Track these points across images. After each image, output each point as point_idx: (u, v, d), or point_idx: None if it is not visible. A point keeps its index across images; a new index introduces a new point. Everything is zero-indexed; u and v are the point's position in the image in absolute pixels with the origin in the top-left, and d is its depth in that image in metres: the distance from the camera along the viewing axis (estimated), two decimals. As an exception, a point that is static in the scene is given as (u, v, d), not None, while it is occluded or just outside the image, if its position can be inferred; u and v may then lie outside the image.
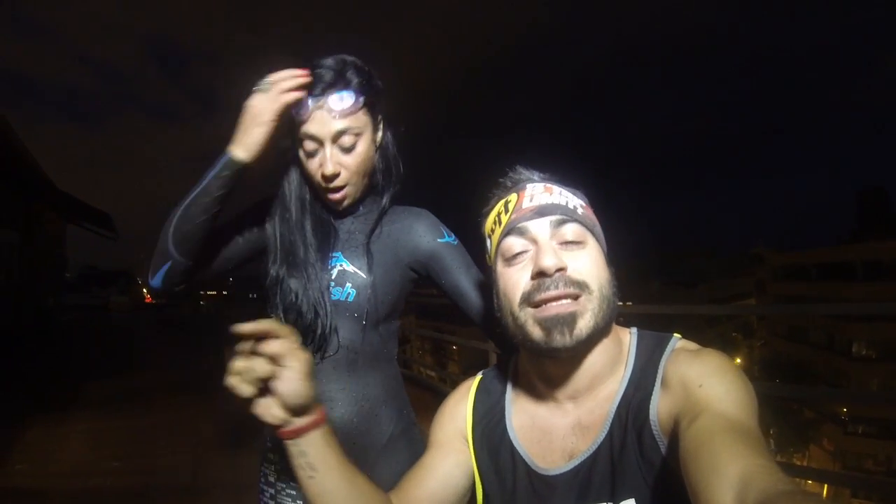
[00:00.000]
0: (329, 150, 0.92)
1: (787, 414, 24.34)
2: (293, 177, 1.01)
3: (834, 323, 28.35)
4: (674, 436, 0.59)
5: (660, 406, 0.64)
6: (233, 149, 0.87)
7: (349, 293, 1.00)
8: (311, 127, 0.91)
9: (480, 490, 0.77)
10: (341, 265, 1.01)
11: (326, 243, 1.02)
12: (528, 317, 0.66)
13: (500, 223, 0.72)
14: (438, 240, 1.03)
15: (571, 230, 0.68)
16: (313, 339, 0.98)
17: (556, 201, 0.70)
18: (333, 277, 1.00)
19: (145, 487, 2.91)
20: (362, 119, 0.94)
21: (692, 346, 0.70)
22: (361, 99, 0.93)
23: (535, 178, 0.74)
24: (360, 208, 1.06)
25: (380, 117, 1.00)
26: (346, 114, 0.91)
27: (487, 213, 0.77)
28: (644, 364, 0.69)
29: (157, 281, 0.93)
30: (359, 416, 1.00)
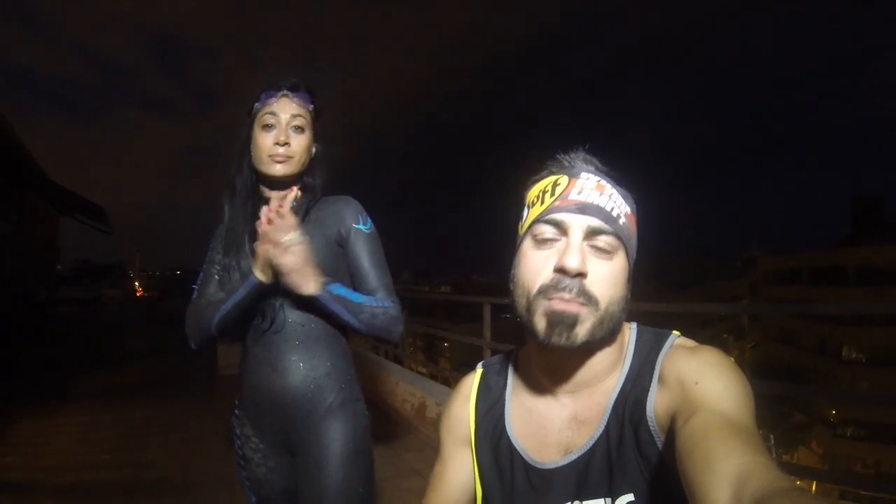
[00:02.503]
0: (285, 126, 1.18)
1: (777, 416, 24.53)
2: (244, 169, 1.24)
3: (825, 327, 28.57)
4: (670, 432, 0.59)
5: (657, 402, 0.64)
6: (259, 275, 1.12)
7: None
8: (275, 107, 1.18)
9: (479, 488, 0.77)
10: None
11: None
12: (539, 307, 0.66)
13: (541, 201, 0.70)
14: (354, 225, 1.24)
15: (605, 240, 0.66)
16: (263, 315, 1.18)
17: (602, 204, 0.67)
18: None
19: (136, 481, 2.90)
20: (309, 118, 1.22)
21: (690, 343, 0.70)
22: (311, 106, 1.23)
23: (592, 167, 0.71)
24: (293, 203, 1.21)
25: (318, 133, 1.26)
26: (301, 105, 1.21)
27: (535, 182, 0.74)
28: (642, 360, 0.69)
29: (197, 347, 1.25)
30: (304, 384, 1.18)
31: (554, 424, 0.72)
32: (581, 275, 0.64)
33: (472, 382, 0.85)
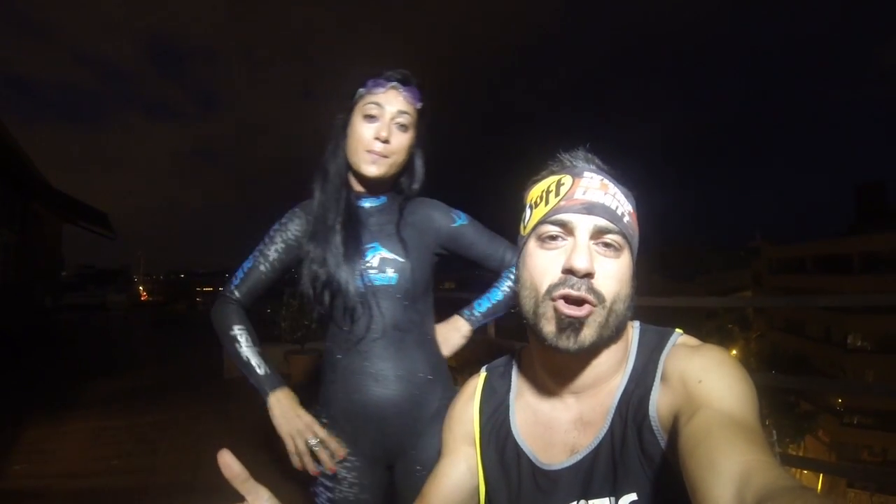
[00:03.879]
0: (388, 121, 1.10)
1: (783, 406, 24.46)
2: (339, 157, 1.16)
3: (831, 315, 28.46)
4: (673, 431, 0.59)
5: (660, 401, 0.64)
6: (270, 393, 1.09)
7: (391, 277, 1.13)
8: (381, 98, 1.10)
9: (483, 490, 0.77)
10: (380, 253, 1.14)
11: (358, 228, 1.15)
12: (547, 309, 0.66)
13: (545, 201, 0.70)
14: (452, 225, 1.22)
15: (612, 239, 0.66)
16: (359, 322, 1.11)
17: (607, 203, 0.67)
18: (375, 265, 1.13)
19: (145, 486, 2.91)
20: (415, 117, 1.13)
21: (693, 341, 0.70)
22: (420, 103, 1.14)
23: (594, 167, 0.71)
24: (384, 200, 1.20)
25: (421, 133, 1.18)
26: (410, 101, 1.12)
27: (535, 183, 0.74)
28: (645, 359, 0.69)
29: None
30: (407, 392, 1.11)
31: (560, 425, 0.72)
32: (589, 275, 0.64)
33: (476, 384, 0.85)
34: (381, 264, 1.13)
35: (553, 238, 0.67)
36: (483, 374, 0.86)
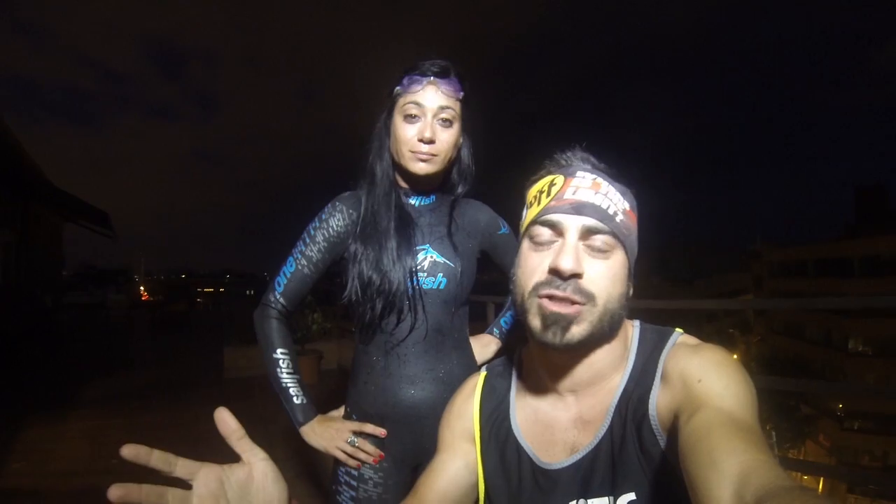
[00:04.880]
0: (431, 119, 1.05)
1: (783, 410, 24.44)
2: (385, 156, 1.13)
3: (831, 319, 28.44)
4: (673, 431, 0.59)
5: (659, 401, 0.64)
6: (305, 424, 1.11)
7: (441, 281, 1.11)
8: (420, 96, 1.05)
9: (483, 489, 0.77)
10: (431, 256, 1.12)
11: (410, 229, 1.12)
12: (533, 305, 0.66)
13: (538, 202, 0.70)
14: (498, 232, 1.23)
15: (601, 239, 0.66)
16: (402, 324, 1.09)
17: (597, 202, 0.67)
18: (426, 268, 1.11)
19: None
20: (458, 109, 1.09)
21: (693, 340, 0.70)
22: (462, 93, 1.09)
23: (589, 165, 0.71)
24: (434, 199, 1.18)
25: (467, 123, 1.14)
26: (450, 95, 1.06)
27: (533, 182, 0.74)
28: (645, 359, 0.69)
29: None
30: (444, 394, 1.08)
31: (560, 424, 0.72)
32: (576, 276, 0.64)
33: (475, 383, 0.85)
34: (432, 268, 1.11)
35: (543, 239, 0.68)
36: (483, 373, 0.86)
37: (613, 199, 0.68)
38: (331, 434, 1.10)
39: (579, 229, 0.66)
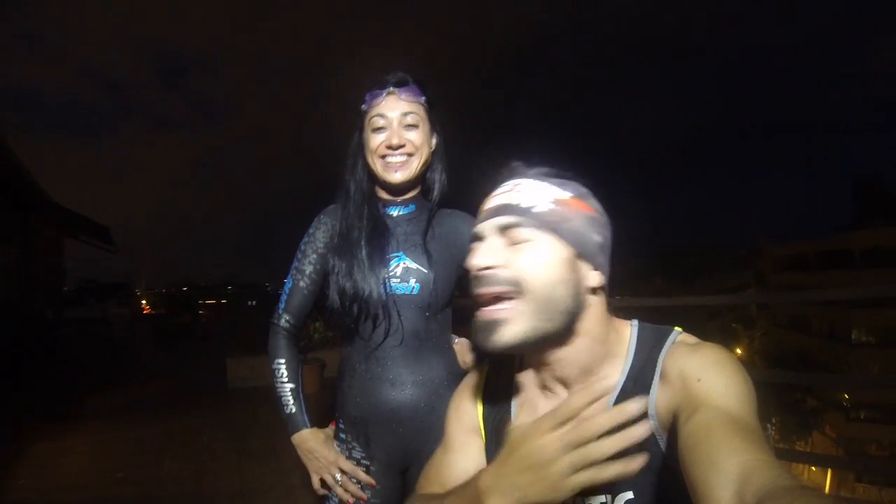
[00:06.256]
0: (396, 126, 1.11)
1: (789, 402, 24.35)
2: (358, 171, 1.18)
3: (834, 311, 28.37)
4: (672, 430, 0.59)
5: (658, 400, 0.64)
6: (293, 434, 1.14)
7: (413, 287, 1.14)
8: (382, 108, 1.11)
9: None
10: (404, 263, 1.15)
11: (383, 239, 1.16)
12: (475, 314, 0.69)
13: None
14: None
15: (518, 231, 0.67)
16: (378, 329, 1.13)
17: (511, 201, 0.69)
18: (398, 274, 1.14)
19: (150, 497, 2.90)
20: (422, 113, 1.13)
21: (692, 339, 0.70)
22: (423, 98, 1.14)
23: (516, 174, 0.74)
24: (413, 209, 1.20)
25: (435, 125, 1.18)
26: (412, 100, 1.12)
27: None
28: (644, 358, 0.69)
29: None
30: (425, 397, 1.13)
31: None
32: (488, 268, 0.67)
33: (479, 377, 0.86)
34: (405, 274, 1.14)
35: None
36: (486, 366, 0.87)
37: (533, 194, 0.69)
38: (314, 464, 1.15)
39: (493, 230, 0.69)
